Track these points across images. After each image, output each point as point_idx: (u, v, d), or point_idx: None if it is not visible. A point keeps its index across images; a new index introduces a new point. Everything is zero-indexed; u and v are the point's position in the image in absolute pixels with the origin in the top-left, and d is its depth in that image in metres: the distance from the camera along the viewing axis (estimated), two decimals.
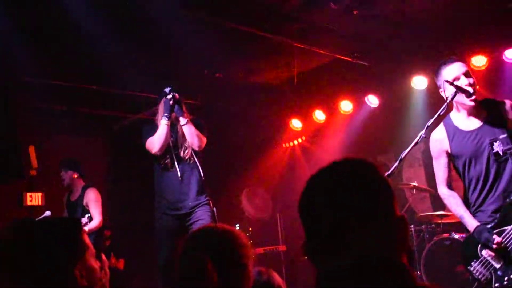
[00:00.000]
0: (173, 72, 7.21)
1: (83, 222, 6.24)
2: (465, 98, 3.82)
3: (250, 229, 9.12)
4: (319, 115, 8.94)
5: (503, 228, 3.72)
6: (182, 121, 5.32)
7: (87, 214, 6.36)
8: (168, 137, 5.30)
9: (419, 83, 7.48)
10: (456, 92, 3.79)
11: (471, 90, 3.79)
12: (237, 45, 6.94)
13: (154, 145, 5.31)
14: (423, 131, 3.69)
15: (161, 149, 5.29)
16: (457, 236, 6.12)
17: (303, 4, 6.10)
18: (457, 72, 3.85)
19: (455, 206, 3.99)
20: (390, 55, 7.38)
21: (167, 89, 5.37)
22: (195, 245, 2.31)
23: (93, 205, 6.70)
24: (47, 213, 5.83)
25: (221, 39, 6.44)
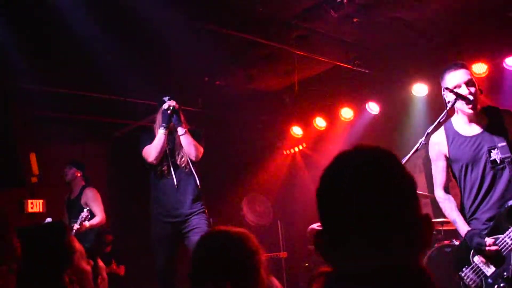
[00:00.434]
0: (173, 79, 7.22)
1: (83, 216, 6.26)
2: (464, 105, 3.82)
3: None
4: (320, 122, 8.94)
5: (496, 236, 3.71)
6: (180, 131, 5.31)
7: (86, 208, 6.37)
8: (165, 147, 5.31)
9: (420, 90, 7.48)
10: (456, 99, 3.80)
11: (471, 98, 3.79)
12: (237, 53, 6.96)
13: (151, 154, 5.31)
14: (423, 138, 3.70)
15: (157, 158, 5.30)
16: (458, 243, 6.10)
17: (304, 11, 6.12)
18: (459, 80, 3.84)
19: (449, 210, 3.98)
20: (390, 62, 7.40)
21: (165, 98, 5.36)
22: (205, 254, 2.27)
23: (93, 203, 6.72)
24: (48, 220, 5.84)
25: (221, 46, 6.47)
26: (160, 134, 5.26)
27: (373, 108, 8.23)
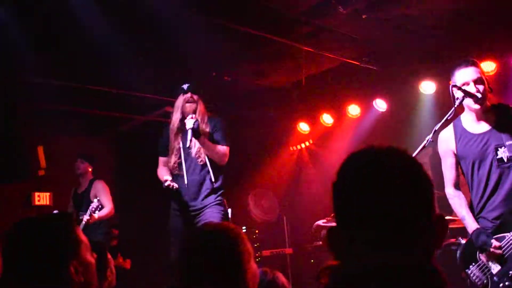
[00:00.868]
0: (181, 74, 7.22)
1: (93, 206, 6.30)
2: (472, 102, 3.80)
3: (257, 231, 9.13)
4: (327, 118, 8.92)
5: (502, 234, 3.69)
6: (199, 143, 5.20)
7: (96, 199, 6.42)
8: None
9: (427, 87, 7.45)
10: (464, 96, 3.78)
11: (478, 96, 3.77)
12: (245, 48, 6.95)
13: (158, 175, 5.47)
14: (431, 135, 3.69)
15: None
16: (464, 242, 6.08)
17: (312, 8, 6.10)
18: (468, 77, 3.82)
19: (458, 206, 3.97)
20: (398, 59, 7.37)
21: (185, 86, 5.32)
22: (190, 251, 2.24)
23: (103, 195, 6.79)
24: (55, 212, 5.86)
25: (230, 42, 6.45)
26: (164, 180, 5.23)
27: (380, 105, 8.20)
